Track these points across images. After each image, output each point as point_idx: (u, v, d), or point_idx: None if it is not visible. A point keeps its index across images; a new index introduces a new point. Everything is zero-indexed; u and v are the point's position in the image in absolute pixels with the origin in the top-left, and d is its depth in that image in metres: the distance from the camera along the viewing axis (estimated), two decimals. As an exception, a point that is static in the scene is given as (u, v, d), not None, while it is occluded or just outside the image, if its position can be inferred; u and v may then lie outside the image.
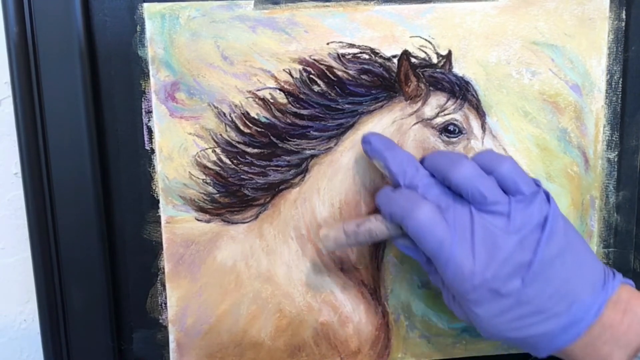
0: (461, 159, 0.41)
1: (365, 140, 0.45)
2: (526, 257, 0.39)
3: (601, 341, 0.40)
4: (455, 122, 0.47)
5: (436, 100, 0.47)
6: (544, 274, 0.39)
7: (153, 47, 0.45)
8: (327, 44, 0.46)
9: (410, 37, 0.46)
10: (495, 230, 0.40)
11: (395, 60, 0.46)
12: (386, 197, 0.43)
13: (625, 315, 0.40)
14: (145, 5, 0.44)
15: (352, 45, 0.46)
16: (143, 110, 0.46)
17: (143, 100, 0.46)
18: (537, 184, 0.42)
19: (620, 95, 0.49)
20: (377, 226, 0.43)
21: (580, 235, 0.42)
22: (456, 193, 0.41)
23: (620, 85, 0.49)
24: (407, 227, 0.41)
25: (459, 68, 0.47)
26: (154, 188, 0.47)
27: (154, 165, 0.47)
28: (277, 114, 0.46)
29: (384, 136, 0.46)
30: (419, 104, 0.47)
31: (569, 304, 0.40)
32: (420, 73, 0.47)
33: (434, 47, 0.47)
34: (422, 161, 0.44)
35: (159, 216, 0.47)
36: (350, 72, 0.46)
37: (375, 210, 0.46)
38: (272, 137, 0.47)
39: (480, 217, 0.40)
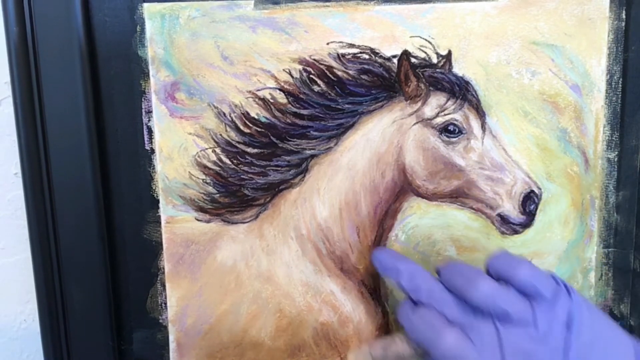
0: (478, 277, 0.41)
1: (374, 257, 0.45)
2: (559, 359, 0.39)
3: None
4: (455, 122, 0.47)
5: (436, 100, 0.47)
6: None
7: (153, 47, 0.45)
8: (327, 44, 0.46)
9: (410, 37, 0.46)
10: (523, 343, 0.39)
11: (395, 60, 0.46)
12: (407, 319, 0.42)
13: None
14: (145, 5, 0.44)
15: (352, 45, 0.46)
16: (143, 110, 0.46)
17: (143, 100, 0.46)
18: (555, 280, 0.41)
19: (620, 95, 0.49)
20: (404, 349, 0.43)
21: (604, 315, 0.42)
22: (477, 308, 0.41)
23: (620, 85, 0.49)
24: (435, 355, 0.40)
25: (459, 68, 0.47)
26: (154, 188, 0.47)
27: (154, 165, 0.47)
28: (277, 114, 0.46)
29: (392, 251, 0.46)
30: (419, 104, 0.47)
31: None
32: (420, 73, 0.47)
33: (434, 47, 0.47)
34: (437, 273, 0.43)
35: (159, 216, 0.47)
36: (350, 72, 0.46)
37: (377, 211, 0.46)
38: (272, 137, 0.47)
39: (506, 332, 0.39)
